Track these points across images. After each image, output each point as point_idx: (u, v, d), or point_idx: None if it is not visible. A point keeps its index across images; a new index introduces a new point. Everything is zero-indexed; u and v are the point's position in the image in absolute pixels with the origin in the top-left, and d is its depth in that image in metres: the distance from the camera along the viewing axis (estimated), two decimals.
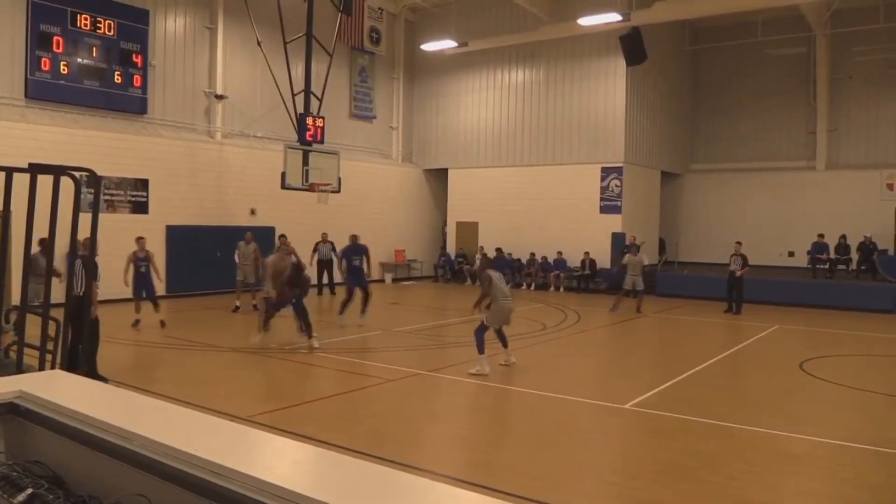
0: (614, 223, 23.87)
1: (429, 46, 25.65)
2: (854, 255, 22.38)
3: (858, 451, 7.32)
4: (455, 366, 11.03)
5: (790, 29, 25.09)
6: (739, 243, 19.11)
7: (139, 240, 14.15)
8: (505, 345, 11.02)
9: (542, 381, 10.24)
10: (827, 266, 22.01)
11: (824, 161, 25.65)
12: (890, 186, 24.23)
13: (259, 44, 18.25)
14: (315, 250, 20.17)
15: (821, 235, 22.40)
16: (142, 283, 14.04)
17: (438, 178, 28.57)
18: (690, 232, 27.58)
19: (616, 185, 23.83)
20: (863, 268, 22.04)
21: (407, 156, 28.12)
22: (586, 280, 23.78)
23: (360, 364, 11.46)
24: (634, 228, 23.77)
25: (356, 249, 15.23)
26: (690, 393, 9.81)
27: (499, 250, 24.56)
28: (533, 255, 24.70)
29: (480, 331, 10.58)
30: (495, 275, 10.83)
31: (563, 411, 8.79)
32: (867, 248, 22.26)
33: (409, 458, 6.69)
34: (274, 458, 2.08)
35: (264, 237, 18.51)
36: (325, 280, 20.84)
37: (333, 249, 19.74)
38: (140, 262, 13.92)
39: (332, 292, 20.46)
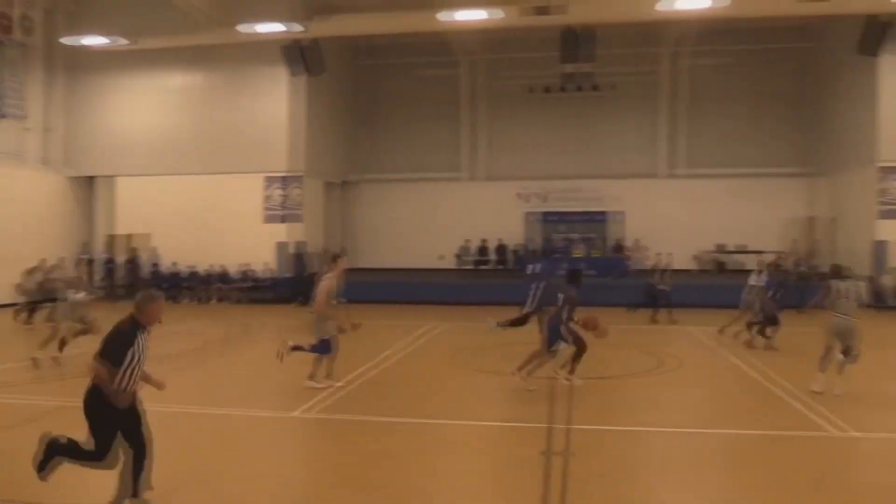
0: (283, 232, 24.05)
1: (72, 41, 23.34)
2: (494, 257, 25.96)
3: (496, 428, 8.31)
4: None
5: (446, 52, 27.60)
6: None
7: None
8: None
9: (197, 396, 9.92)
10: (473, 267, 25.11)
11: (478, 173, 28.71)
12: (521, 196, 27.88)
13: None
14: None
15: (483, 240, 25.32)
16: None
17: (96, 186, 26.16)
18: (364, 239, 28.76)
19: (280, 195, 23.96)
20: (500, 267, 25.40)
21: (57, 161, 25.18)
22: (255, 291, 23.52)
23: None
24: (311, 236, 24.24)
25: None
26: (362, 394, 10.27)
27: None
28: (193, 267, 24.04)
29: None
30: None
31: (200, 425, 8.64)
32: (505, 250, 26.14)
33: None
34: None
35: None
36: None
37: None
38: None
39: None
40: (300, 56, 22.68)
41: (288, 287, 23.24)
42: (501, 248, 26.49)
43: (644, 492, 6.55)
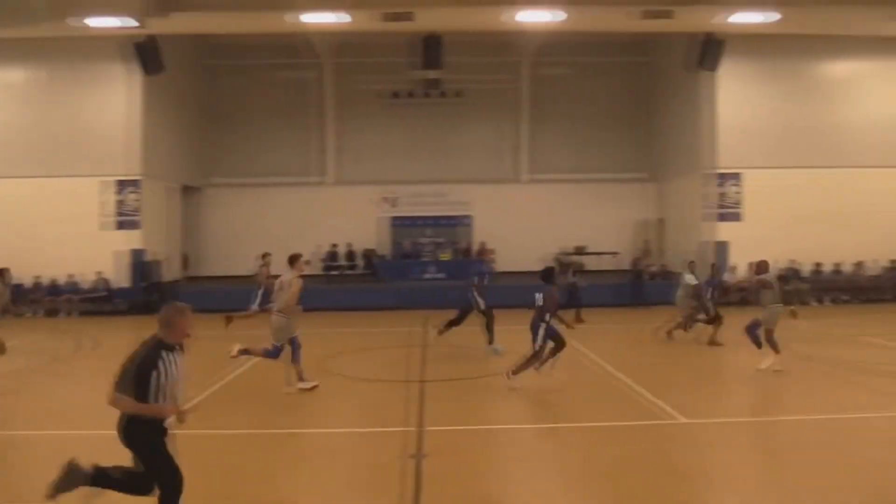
0: (128, 239, 22.63)
1: None
2: (360, 262, 25.55)
3: (370, 434, 8.24)
4: None
5: (299, 54, 27.06)
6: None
7: None
8: None
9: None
10: (337, 273, 24.71)
11: (331, 177, 28.40)
12: (386, 200, 27.96)
13: None
14: None
15: (334, 245, 24.96)
16: None
17: None
18: (213, 246, 27.65)
19: (116, 200, 22.55)
20: (367, 272, 25.23)
21: None
22: (102, 302, 22.05)
23: None
24: (153, 243, 22.96)
25: None
26: (216, 407, 9.85)
27: None
28: (38, 278, 22.07)
29: None
30: None
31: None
32: (369, 255, 25.66)
33: None
34: None
35: None
36: None
37: None
38: None
39: None
40: (137, 53, 21.46)
41: (128, 297, 21.89)
42: (351, 254, 26.28)
43: (499, 487, 6.74)
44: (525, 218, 27.19)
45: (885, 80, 23.79)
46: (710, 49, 21.46)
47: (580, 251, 27.01)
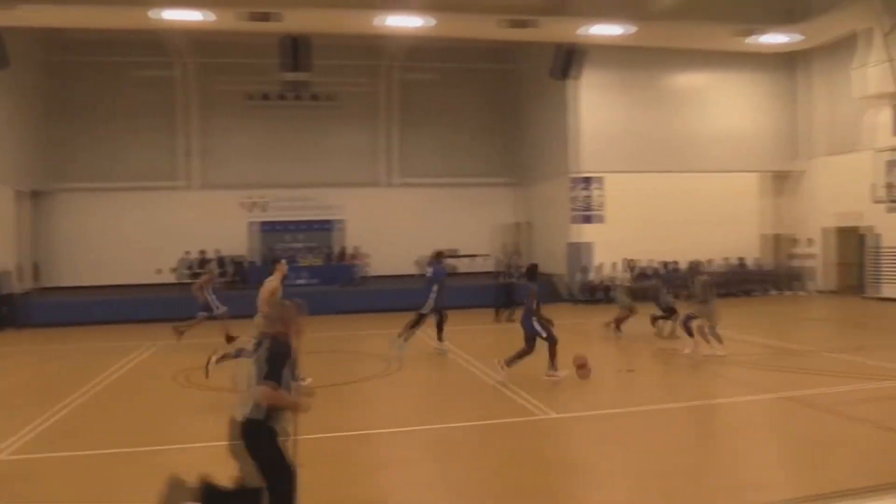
0: None
1: None
2: (229, 269, 24.80)
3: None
4: None
5: (161, 52, 25.90)
6: None
7: None
8: None
9: None
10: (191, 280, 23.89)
11: (191, 181, 27.31)
12: (254, 205, 27.24)
13: None
14: None
15: (202, 252, 24.00)
16: None
17: None
18: (68, 254, 25.81)
19: None
20: (236, 279, 24.46)
21: None
22: None
23: None
24: None
25: None
26: (69, 428, 9.23)
27: None
28: None
29: None
30: None
31: None
32: (238, 261, 25.29)
33: None
34: None
35: None
36: None
37: None
38: None
39: None
40: None
41: None
42: (221, 261, 25.30)
43: (377, 492, 6.71)
44: (396, 222, 27.31)
45: (730, 91, 25.76)
46: (572, 58, 22.33)
47: (451, 254, 27.40)
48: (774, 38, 23.12)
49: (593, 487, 6.97)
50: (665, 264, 23.49)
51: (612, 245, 23.40)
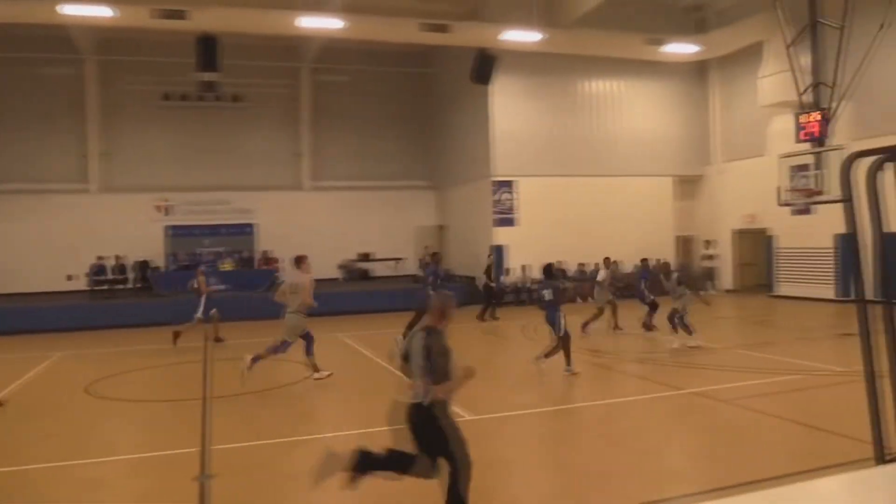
0: None
1: None
2: (131, 275, 23.91)
3: (153, 459, 7.58)
4: None
5: (61, 49, 24.60)
6: None
7: None
8: None
9: None
10: (107, 287, 22.80)
11: (99, 184, 26.11)
12: (159, 208, 26.26)
13: None
14: None
15: (100, 257, 23.01)
16: None
17: None
18: None
19: None
20: (142, 286, 23.54)
21: None
22: None
23: None
24: None
25: None
26: None
27: None
28: None
29: None
30: None
31: None
32: (143, 267, 24.32)
33: None
34: None
35: None
36: None
37: None
38: None
39: None
40: None
41: None
42: (121, 267, 24.32)
43: (294, 499, 6.50)
44: (310, 225, 26.88)
45: (644, 97, 26.50)
46: (484, 64, 22.47)
47: (366, 258, 27.19)
48: (681, 48, 23.91)
49: (513, 484, 6.93)
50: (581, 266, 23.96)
51: (524, 248, 23.75)
